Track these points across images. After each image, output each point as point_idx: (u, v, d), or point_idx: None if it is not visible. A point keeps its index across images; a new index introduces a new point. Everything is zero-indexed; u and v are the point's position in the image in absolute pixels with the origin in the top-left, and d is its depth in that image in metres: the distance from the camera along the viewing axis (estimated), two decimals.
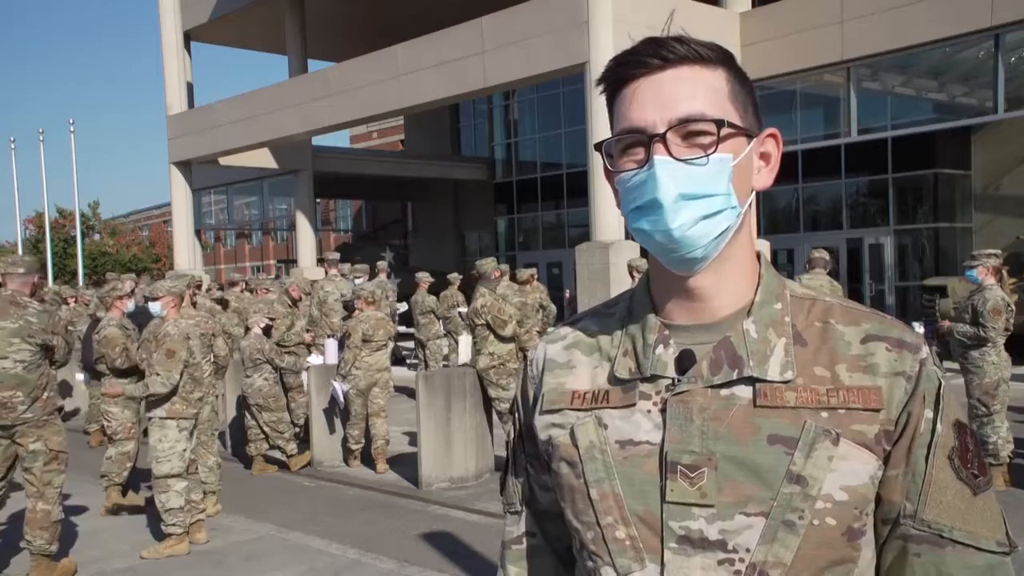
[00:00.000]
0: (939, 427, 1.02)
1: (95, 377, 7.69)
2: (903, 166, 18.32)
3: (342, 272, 11.82)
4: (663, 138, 1.00)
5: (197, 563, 5.52)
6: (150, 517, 6.31)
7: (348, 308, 9.48)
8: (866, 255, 19.08)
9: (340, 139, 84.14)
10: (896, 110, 16.47)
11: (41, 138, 37.29)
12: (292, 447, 8.08)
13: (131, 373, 6.87)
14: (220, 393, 8.42)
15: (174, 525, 5.61)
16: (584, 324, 1.19)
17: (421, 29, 16.67)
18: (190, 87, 22.70)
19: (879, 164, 18.62)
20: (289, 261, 31.30)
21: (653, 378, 1.06)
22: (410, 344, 15.05)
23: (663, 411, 1.04)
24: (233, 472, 7.94)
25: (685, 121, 1.01)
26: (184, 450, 5.67)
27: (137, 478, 6.93)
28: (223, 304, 10.21)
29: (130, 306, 7.29)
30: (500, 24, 14.74)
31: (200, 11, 21.94)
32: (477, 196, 27.46)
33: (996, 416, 6.37)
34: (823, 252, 8.24)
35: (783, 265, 18.65)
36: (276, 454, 8.14)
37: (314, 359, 9.12)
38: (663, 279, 1.09)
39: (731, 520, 0.99)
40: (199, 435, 6.13)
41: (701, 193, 1.00)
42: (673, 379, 1.05)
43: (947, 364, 6.36)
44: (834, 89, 15.71)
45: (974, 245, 16.53)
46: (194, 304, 7.54)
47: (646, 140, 1.01)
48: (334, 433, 8.25)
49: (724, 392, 1.03)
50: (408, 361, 15.86)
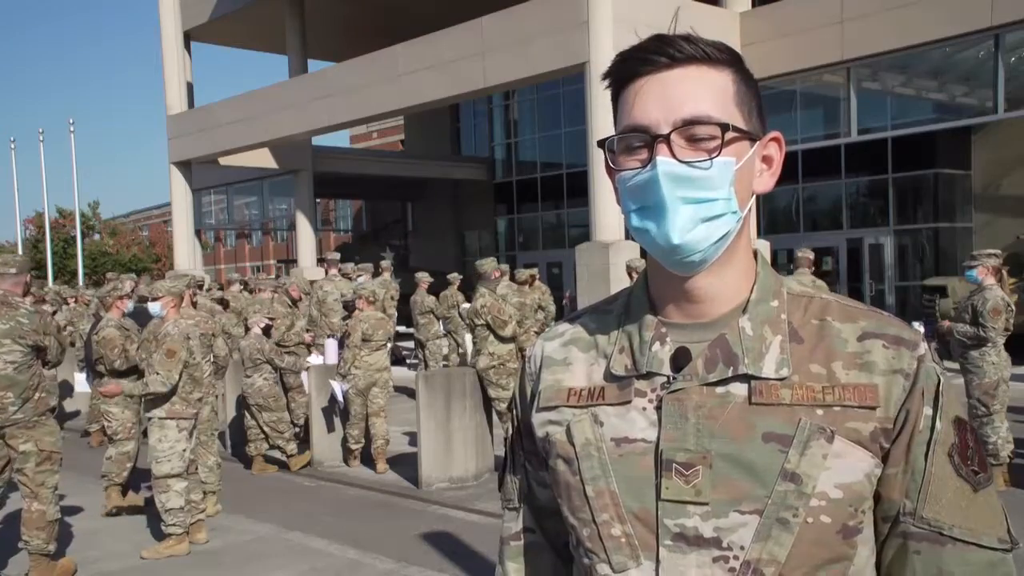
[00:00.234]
0: (938, 424, 1.02)
1: (96, 377, 7.69)
2: (903, 166, 18.32)
3: (344, 272, 11.80)
4: (667, 139, 0.99)
5: (197, 563, 5.52)
6: (150, 517, 6.31)
7: (348, 308, 9.48)
8: (866, 255, 19.06)
9: (340, 139, 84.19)
10: (896, 110, 16.46)
11: (41, 138, 37.37)
12: (292, 447, 8.08)
13: (130, 374, 6.87)
14: (220, 393, 8.41)
15: (174, 525, 5.61)
16: (582, 321, 1.19)
17: (421, 29, 16.66)
18: (190, 87, 22.69)
19: (879, 164, 18.61)
20: (289, 261, 31.32)
21: (649, 375, 1.06)
22: (410, 344, 15.05)
23: (658, 408, 1.04)
24: (233, 472, 7.94)
25: (690, 123, 1.00)
26: (184, 450, 5.67)
27: (137, 478, 6.92)
28: (223, 304, 10.21)
29: (129, 306, 7.29)
30: (500, 24, 14.73)
31: (200, 11, 21.93)
32: (477, 196, 27.44)
33: (996, 416, 6.37)
34: (806, 252, 8.58)
35: (783, 265, 18.60)
36: (276, 454, 8.14)
37: (314, 359, 9.12)
38: (661, 278, 1.09)
39: (725, 518, 0.99)
40: (199, 435, 6.13)
41: (703, 197, 1.00)
42: (669, 377, 1.05)
43: (947, 364, 6.36)
44: (834, 89, 15.70)
45: (974, 245, 16.53)
46: (194, 304, 7.54)
47: (650, 140, 1.00)
48: (334, 433, 8.25)
49: (719, 390, 1.02)
50: (408, 361, 15.85)
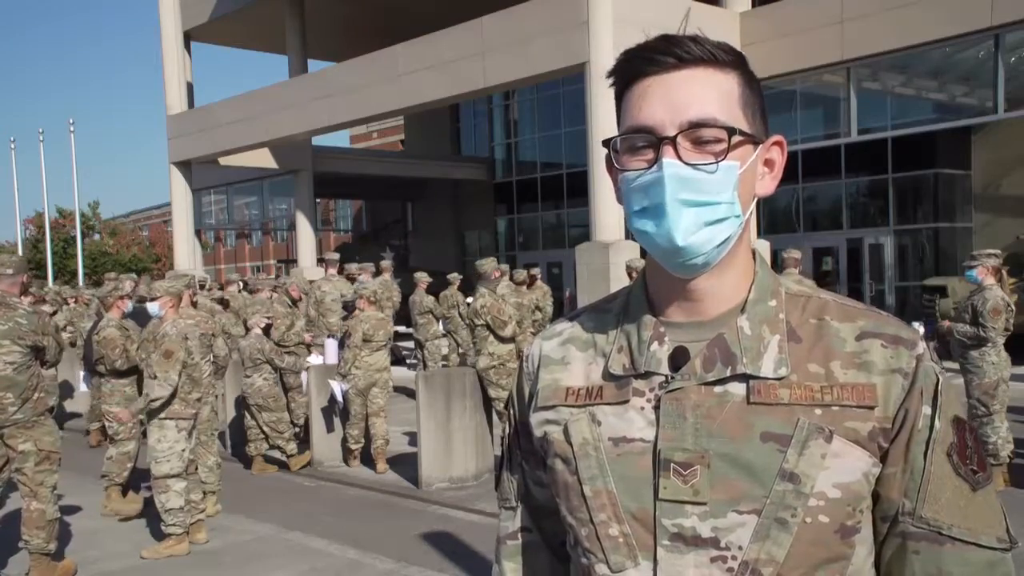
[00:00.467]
0: (937, 423, 1.02)
1: (96, 376, 7.69)
2: (903, 166, 18.31)
3: (349, 274, 11.76)
4: (673, 141, 0.99)
5: (197, 563, 5.52)
6: (150, 517, 6.30)
7: (348, 308, 9.48)
8: (866, 255, 19.06)
9: (340, 139, 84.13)
10: (896, 110, 16.46)
11: (41, 138, 37.43)
12: (292, 447, 8.08)
13: (131, 373, 6.88)
14: (220, 393, 8.41)
15: (174, 525, 5.61)
16: (580, 320, 1.19)
17: (421, 29, 16.66)
18: (190, 87, 22.70)
19: (879, 164, 18.61)
20: (289, 261, 31.29)
21: (647, 375, 1.06)
22: (410, 344, 15.05)
23: (657, 408, 1.04)
24: (233, 472, 7.93)
25: (696, 125, 0.99)
26: (183, 450, 5.67)
27: (137, 478, 6.92)
28: (223, 304, 10.21)
29: (129, 306, 7.29)
30: (500, 24, 14.73)
31: (200, 11, 21.94)
32: (477, 196, 27.43)
33: (996, 416, 6.36)
34: (793, 252, 8.76)
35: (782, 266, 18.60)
36: (276, 454, 8.14)
37: (314, 359, 9.12)
38: (660, 278, 1.08)
39: (723, 518, 0.99)
40: (199, 435, 6.13)
41: (707, 200, 0.99)
42: (667, 376, 1.04)
43: (947, 364, 6.38)
44: (834, 89, 15.70)
45: (974, 245, 16.52)
46: (194, 304, 7.54)
47: (655, 141, 1.00)
48: (334, 433, 8.25)
49: (718, 389, 1.02)
50: (408, 361, 15.85)
